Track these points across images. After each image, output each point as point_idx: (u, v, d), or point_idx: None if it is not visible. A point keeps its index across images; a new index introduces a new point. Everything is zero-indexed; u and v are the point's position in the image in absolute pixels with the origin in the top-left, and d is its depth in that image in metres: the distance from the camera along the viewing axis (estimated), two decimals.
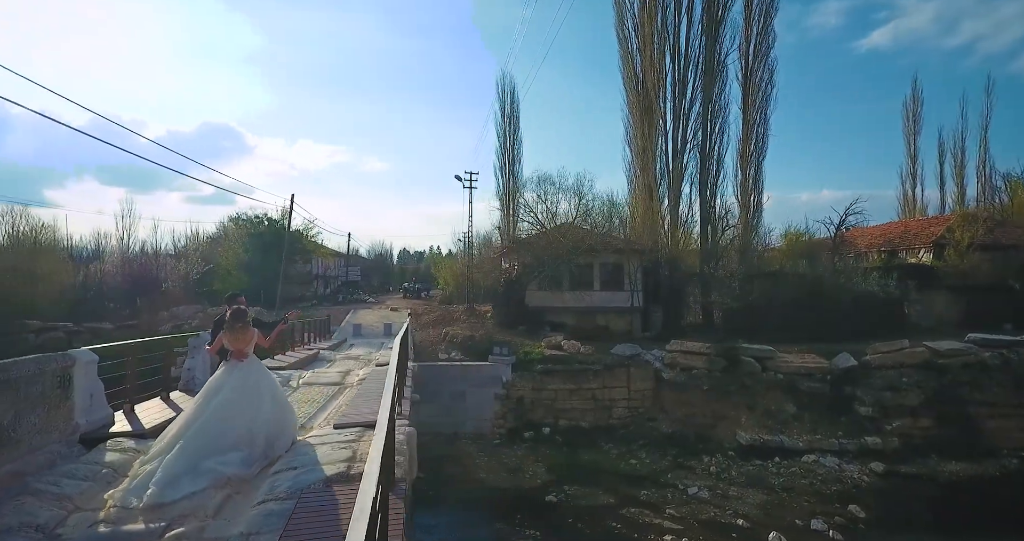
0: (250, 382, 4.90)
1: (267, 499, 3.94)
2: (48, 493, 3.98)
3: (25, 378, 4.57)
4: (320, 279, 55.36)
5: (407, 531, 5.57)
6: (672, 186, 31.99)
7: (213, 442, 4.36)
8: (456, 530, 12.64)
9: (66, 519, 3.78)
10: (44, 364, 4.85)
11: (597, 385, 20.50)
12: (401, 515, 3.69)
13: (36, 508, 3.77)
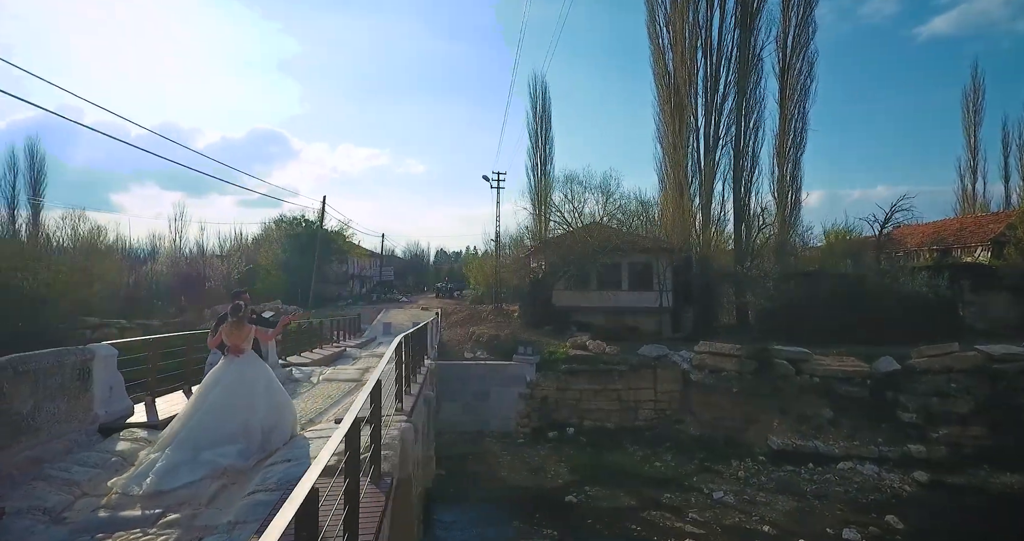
0: (246, 377, 5.09)
1: (257, 490, 4.07)
2: (59, 479, 4.24)
3: (44, 370, 4.89)
4: (356, 279, 56.72)
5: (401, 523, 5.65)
6: (704, 184, 31.24)
7: (210, 434, 4.54)
8: (474, 527, 12.71)
9: (73, 504, 4.02)
10: (63, 357, 5.18)
11: (622, 386, 20.23)
12: (381, 507, 3.73)
13: (46, 492, 4.02)
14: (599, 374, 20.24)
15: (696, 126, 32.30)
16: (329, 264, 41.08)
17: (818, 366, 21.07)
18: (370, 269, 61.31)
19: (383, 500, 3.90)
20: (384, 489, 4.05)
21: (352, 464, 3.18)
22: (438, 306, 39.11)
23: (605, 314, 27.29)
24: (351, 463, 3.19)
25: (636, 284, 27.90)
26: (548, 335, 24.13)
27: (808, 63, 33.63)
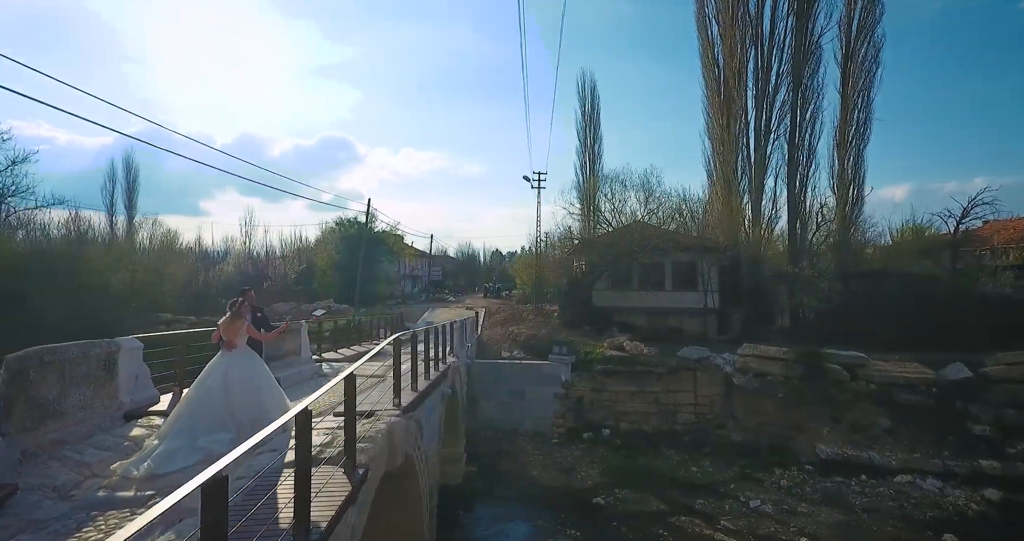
0: (234, 370, 5.41)
1: (240, 476, 4.33)
2: (72, 459, 4.69)
3: (70, 360, 5.41)
4: (407, 278, 58.24)
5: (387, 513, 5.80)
6: (754, 179, 29.93)
7: (204, 422, 4.87)
8: (500, 524, 12.80)
9: (81, 483, 4.43)
10: (89, 349, 5.71)
11: (661, 388, 19.73)
12: (344, 494, 3.88)
13: (58, 472, 4.46)
14: (636, 376, 19.84)
15: (746, 119, 31.04)
16: (379, 264, 42.38)
17: (876, 372, 19.75)
18: (421, 269, 62.81)
19: (349, 488, 4.04)
20: (355, 478, 4.20)
21: (302, 452, 3.33)
22: (484, 306, 39.50)
23: (647, 315, 26.70)
24: (301, 451, 3.35)
25: (679, 284, 27.11)
26: (587, 335, 23.88)
27: (874, 48, 31.51)
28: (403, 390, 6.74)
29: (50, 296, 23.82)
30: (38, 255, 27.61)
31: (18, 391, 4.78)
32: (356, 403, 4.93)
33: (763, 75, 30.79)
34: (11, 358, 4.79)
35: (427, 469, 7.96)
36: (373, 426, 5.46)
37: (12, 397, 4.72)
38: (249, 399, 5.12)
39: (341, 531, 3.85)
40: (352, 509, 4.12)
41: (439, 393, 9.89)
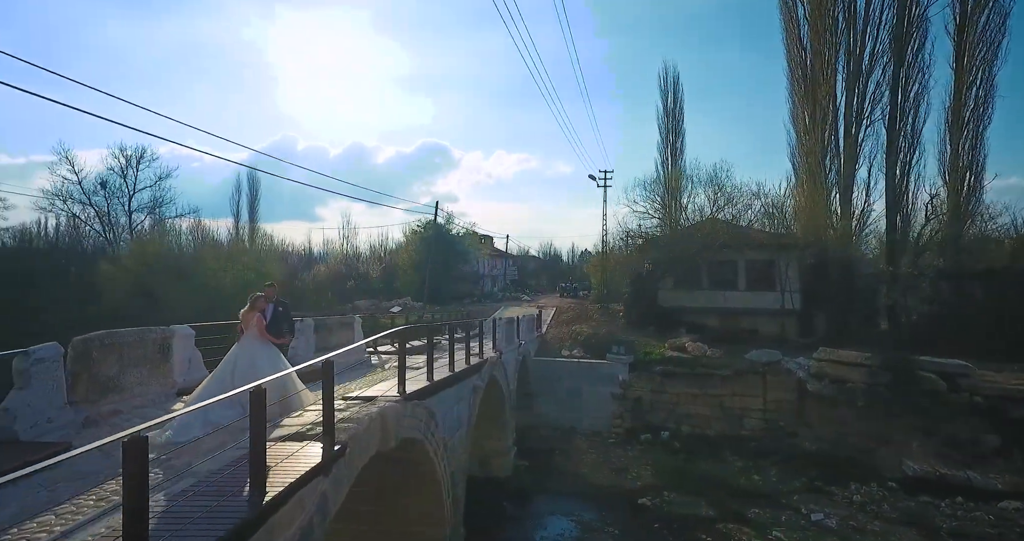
0: (244, 356, 6.15)
1: (237, 447, 4.99)
2: (121, 427, 5.61)
3: (128, 343, 6.45)
4: (486, 278, 59.70)
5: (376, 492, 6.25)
6: (843, 169, 27.44)
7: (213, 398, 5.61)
8: (541, 517, 13.00)
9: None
10: (145, 334, 6.76)
11: (725, 392, 18.83)
12: (309, 467, 4.38)
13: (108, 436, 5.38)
14: (698, 378, 19.09)
15: (835, 105, 28.55)
16: (455, 264, 43.87)
17: (983, 383, 17.52)
18: (499, 268, 64.11)
19: (319, 460, 4.54)
20: (329, 452, 4.70)
21: (256, 426, 3.84)
22: (556, 305, 39.60)
23: (718, 315, 25.47)
24: (255, 425, 3.86)
25: (754, 283, 25.57)
26: (651, 336, 23.29)
27: (999, 14, 27.56)
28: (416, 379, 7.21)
29: (176, 292, 27.57)
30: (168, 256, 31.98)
31: (82, 368, 5.82)
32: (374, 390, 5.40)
33: (856, 55, 28.17)
34: (76, 340, 5.85)
35: (446, 456, 8.39)
36: (365, 410, 5.95)
37: (77, 373, 5.76)
38: (249, 382, 5.78)
39: (306, 496, 4.35)
40: (323, 479, 4.61)
41: (468, 385, 10.31)
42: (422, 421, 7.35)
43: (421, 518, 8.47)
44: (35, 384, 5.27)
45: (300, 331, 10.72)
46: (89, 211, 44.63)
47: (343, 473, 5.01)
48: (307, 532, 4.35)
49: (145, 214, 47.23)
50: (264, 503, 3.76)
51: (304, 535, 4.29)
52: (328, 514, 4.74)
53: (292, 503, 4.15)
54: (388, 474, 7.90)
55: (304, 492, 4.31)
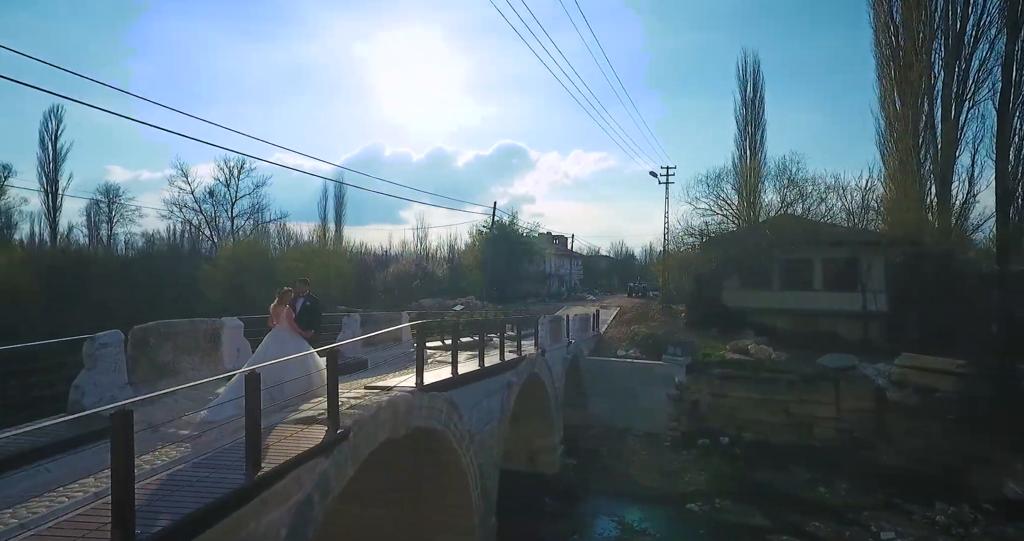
0: (273, 345, 6.71)
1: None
2: (171, 406, 6.34)
3: (182, 333, 7.26)
4: (552, 278, 59.68)
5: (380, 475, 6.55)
6: (941, 157, 24.77)
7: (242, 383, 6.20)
8: (582, 514, 12.94)
9: (169, 423, 6.01)
10: (197, 325, 7.56)
11: (792, 398, 17.67)
12: (313, 443, 4.79)
13: (158, 414, 6.11)
14: (762, 382, 18.06)
15: (931, 85, 25.87)
16: (519, 263, 44.26)
17: None
18: (567, 268, 63.88)
19: (319, 441, 4.93)
20: (327, 436, 5.08)
21: (252, 407, 4.26)
22: (621, 304, 38.90)
23: (791, 317, 23.90)
24: (251, 406, 4.28)
25: (833, 283, 23.73)
26: (714, 337, 22.33)
27: None
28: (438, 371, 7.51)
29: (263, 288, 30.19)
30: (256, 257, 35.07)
31: (140, 353, 6.64)
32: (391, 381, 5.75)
33: (956, 29, 25.38)
34: (136, 329, 6.68)
35: (472, 448, 8.64)
36: (377, 398, 6.32)
37: (136, 358, 6.58)
38: (282, 368, 6.29)
39: (303, 474, 4.74)
40: (323, 460, 4.99)
41: (501, 380, 10.51)
42: (442, 412, 7.64)
43: (448, 506, 8.78)
44: (100, 365, 6.10)
45: (346, 325, 11.43)
46: (200, 218, 50.34)
47: (346, 456, 5.37)
48: (305, 507, 4.74)
49: (244, 219, 52.29)
50: (257, 477, 4.16)
51: (301, 510, 4.67)
52: (329, 492, 5.11)
53: (288, 479, 4.54)
54: (413, 462, 8.28)
55: (301, 470, 4.70)
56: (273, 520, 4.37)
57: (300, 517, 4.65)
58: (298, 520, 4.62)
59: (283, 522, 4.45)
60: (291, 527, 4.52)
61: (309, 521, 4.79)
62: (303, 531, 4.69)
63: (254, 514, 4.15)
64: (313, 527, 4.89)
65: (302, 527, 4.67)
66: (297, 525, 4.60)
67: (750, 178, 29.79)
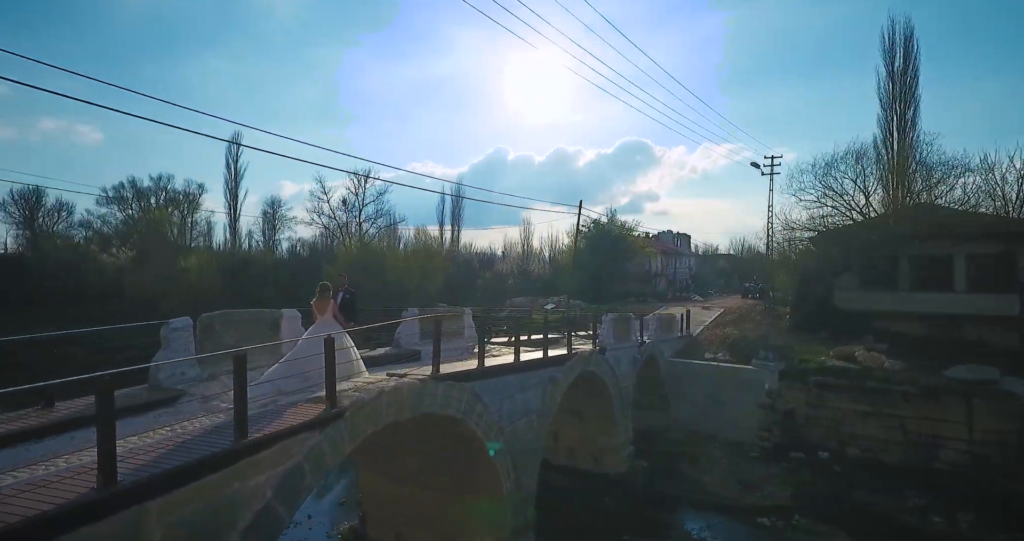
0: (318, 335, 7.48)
1: (276, 404, 6.29)
2: (226, 384, 7.42)
3: (245, 321, 8.40)
4: (659, 277, 57.39)
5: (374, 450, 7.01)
6: None
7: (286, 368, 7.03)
8: (638, 517, 12.47)
9: (219, 395, 7.05)
10: (259, 315, 8.69)
11: (910, 413, 15.42)
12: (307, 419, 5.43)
13: (214, 389, 7.19)
14: (870, 393, 15.98)
15: None
16: (617, 263, 43.27)
17: None
18: (675, 267, 61.10)
19: (312, 416, 5.55)
20: (324, 412, 5.69)
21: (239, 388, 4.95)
22: (729, 305, 36.40)
23: (925, 322, 20.69)
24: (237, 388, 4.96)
25: (980, 284, 20.14)
26: (820, 342, 20.13)
27: None
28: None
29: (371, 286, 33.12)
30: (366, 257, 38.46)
31: (207, 337, 7.84)
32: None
33: None
34: (203, 316, 7.90)
35: (503, 438, 8.92)
36: (385, 384, 6.84)
37: (203, 341, 7.79)
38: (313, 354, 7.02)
39: (292, 446, 5.36)
40: (314, 434, 5.59)
41: (541, 376, 10.59)
42: (461, 401, 7.99)
43: (480, 493, 9.14)
44: (172, 346, 7.34)
45: (457, 317, 12.27)
46: (334, 223, 56.58)
47: (342, 433, 5.93)
48: (296, 474, 5.35)
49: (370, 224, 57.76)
50: (241, 444, 4.83)
51: (290, 476, 5.28)
52: (323, 466, 5.70)
53: (276, 448, 5.18)
54: (445, 449, 8.76)
55: (290, 442, 5.32)
56: (259, 483, 5.02)
57: (288, 482, 5.27)
58: (286, 485, 5.24)
59: (269, 485, 5.09)
60: (277, 490, 5.14)
61: (300, 488, 5.41)
62: (291, 495, 5.31)
63: (239, 475, 4.82)
64: (305, 493, 5.51)
65: (290, 492, 5.30)
66: (285, 489, 5.23)
67: (897, 164, 25.96)
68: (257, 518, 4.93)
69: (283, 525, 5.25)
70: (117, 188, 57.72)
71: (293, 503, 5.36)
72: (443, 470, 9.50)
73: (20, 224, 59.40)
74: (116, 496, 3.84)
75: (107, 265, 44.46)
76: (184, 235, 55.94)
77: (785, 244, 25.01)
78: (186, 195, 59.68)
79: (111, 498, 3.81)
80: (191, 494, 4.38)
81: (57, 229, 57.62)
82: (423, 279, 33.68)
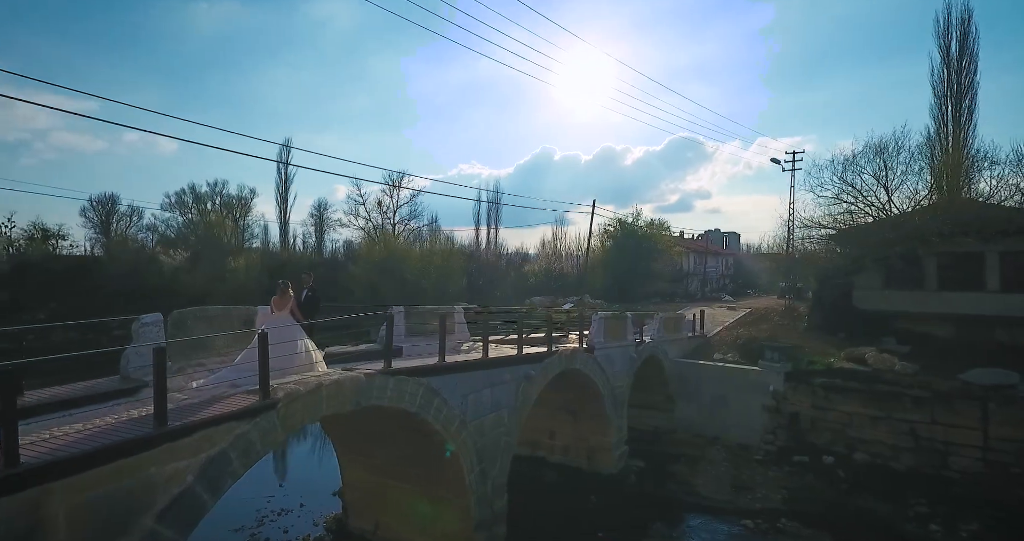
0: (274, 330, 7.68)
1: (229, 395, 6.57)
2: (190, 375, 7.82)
3: (216, 317, 8.79)
4: (693, 277, 55.79)
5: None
6: None
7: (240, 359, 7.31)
8: (616, 515, 12.24)
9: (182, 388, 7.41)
10: (231, 311, 9.04)
11: (921, 418, 14.47)
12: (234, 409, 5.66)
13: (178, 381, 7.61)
14: (878, 396, 15.09)
15: None
16: (641, 262, 42.36)
17: None
18: (710, 266, 59.30)
19: (241, 406, 5.79)
20: (253, 403, 5.92)
21: (159, 380, 5.21)
22: (760, 305, 35.01)
23: (956, 324, 19.35)
24: (157, 379, 5.23)
25: (1014, 282, 18.64)
26: (838, 344, 19.13)
27: None
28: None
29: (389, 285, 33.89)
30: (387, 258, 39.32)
31: (178, 331, 8.24)
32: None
33: None
34: (174, 312, 8.32)
35: (465, 432, 8.99)
36: (327, 378, 7.02)
37: (174, 335, 8.18)
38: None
39: (216, 435, 5.60)
40: (241, 424, 5.82)
41: (512, 372, 10.54)
42: (416, 396, 8.09)
43: (447, 482, 9.24)
44: (142, 340, 7.76)
45: (450, 316, 12.44)
46: (369, 225, 58.18)
47: (273, 423, 6.14)
48: (220, 461, 5.58)
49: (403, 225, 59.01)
50: (159, 432, 5.09)
51: (214, 463, 5.52)
52: (252, 454, 5.91)
53: (198, 436, 5.42)
54: (410, 441, 8.91)
55: (214, 431, 5.56)
56: (179, 467, 5.27)
57: (212, 468, 5.51)
58: (209, 470, 5.48)
59: (190, 470, 5.33)
60: (199, 475, 5.38)
61: (224, 473, 5.64)
62: (215, 480, 5.55)
63: (155, 461, 5.07)
64: (232, 479, 5.73)
65: (214, 477, 5.53)
66: (208, 474, 5.46)
67: (952, 156, 24.11)
68: (176, 501, 5.18)
69: (205, 508, 5.47)
70: (179, 194, 61.30)
71: (218, 488, 5.59)
72: (415, 462, 9.65)
73: (98, 228, 64.52)
74: (15, 476, 4.12)
75: (165, 265, 47.28)
76: (237, 237, 58.79)
77: (804, 242, 23.76)
78: (239, 199, 62.89)
79: (10, 478, 4.09)
80: (101, 477, 4.65)
81: (128, 233, 62.09)
82: (441, 279, 34.07)
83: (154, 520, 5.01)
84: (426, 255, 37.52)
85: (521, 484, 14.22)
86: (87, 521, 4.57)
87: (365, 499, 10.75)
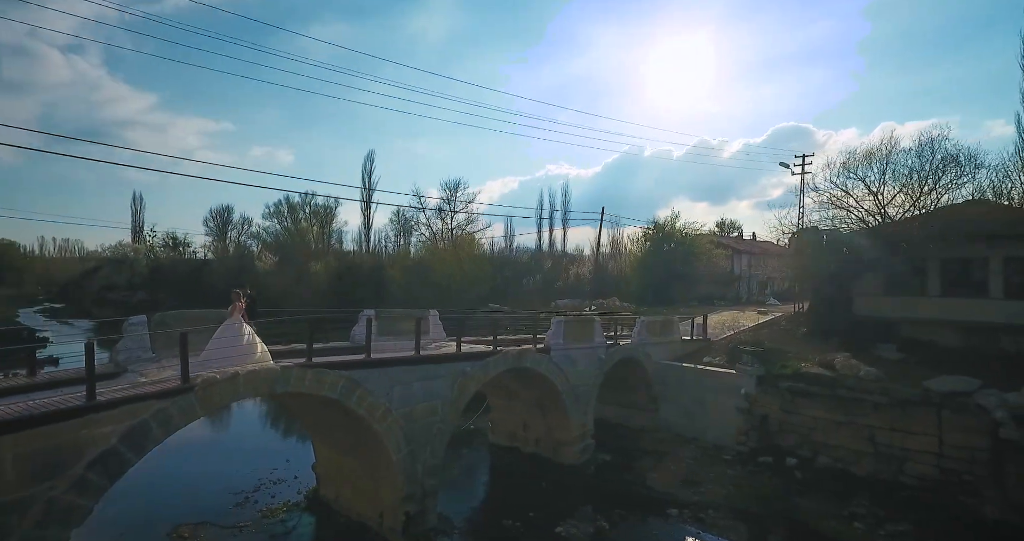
0: (227, 329, 9.08)
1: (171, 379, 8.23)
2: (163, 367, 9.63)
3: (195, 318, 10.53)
4: (744, 280, 52.97)
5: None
6: None
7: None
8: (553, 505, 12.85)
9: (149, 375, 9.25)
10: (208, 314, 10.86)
11: (879, 424, 13.82)
12: (154, 391, 7.25)
13: (151, 371, 9.43)
14: (841, 402, 14.52)
15: None
16: (676, 266, 41.18)
17: None
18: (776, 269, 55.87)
19: (159, 389, 7.37)
20: (172, 386, 7.50)
21: (89, 365, 6.86)
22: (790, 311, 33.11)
23: (961, 332, 17.85)
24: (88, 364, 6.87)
25: (1020, 288, 16.93)
26: (832, 350, 18.23)
27: None
28: None
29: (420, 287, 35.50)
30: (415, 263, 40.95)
31: (160, 331, 10.13)
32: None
33: None
34: (156, 315, 10.18)
35: (390, 418, 10.22)
36: (245, 368, 8.50)
37: (156, 335, 10.06)
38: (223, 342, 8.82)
39: (139, 408, 7.19)
40: (160, 402, 7.39)
41: (448, 369, 11.54)
42: (336, 386, 9.41)
43: (380, 461, 10.49)
44: (130, 337, 9.68)
45: (360, 320, 13.86)
46: (429, 230, 61.18)
47: (192, 403, 7.67)
48: (142, 428, 7.18)
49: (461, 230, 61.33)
50: (87, 403, 6.74)
51: (136, 430, 7.11)
52: (170, 427, 7.48)
53: (121, 409, 7.03)
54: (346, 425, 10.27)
55: (136, 406, 7.16)
56: (105, 432, 6.90)
57: (134, 434, 7.11)
58: (131, 435, 7.08)
59: (114, 434, 6.95)
60: (122, 438, 6.99)
61: (146, 439, 7.23)
62: (138, 443, 7.15)
63: (86, 425, 6.72)
64: (152, 443, 7.32)
65: (136, 441, 7.13)
66: (131, 438, 7.06)
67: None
68: (102, 456, 6.81)
69: (128, 464, 7.08)
70: (276, 204, 67.06)
71: (140, 449, 7.19)
72: (359, 443, 10.99)
73: (216, 234, 73.31)
74: None
75: (259, 269, 52.65)
76: (323, 242, 63.71)
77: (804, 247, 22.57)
78: (325, 208, 67.83)
79: None
80: (40, 434, 6.33)
81: (239, 239, 70.01)
82: (464, 281, 35.32)
83: (84, 469, 6.65)
84: (441, 258, 38.75)
85: (500, 469, 15.33)
86: (28, 466, 6.24)
87: (329, 473, 12.27)
